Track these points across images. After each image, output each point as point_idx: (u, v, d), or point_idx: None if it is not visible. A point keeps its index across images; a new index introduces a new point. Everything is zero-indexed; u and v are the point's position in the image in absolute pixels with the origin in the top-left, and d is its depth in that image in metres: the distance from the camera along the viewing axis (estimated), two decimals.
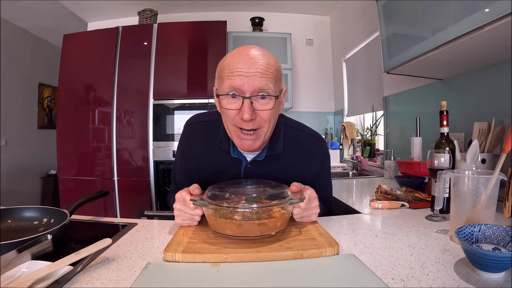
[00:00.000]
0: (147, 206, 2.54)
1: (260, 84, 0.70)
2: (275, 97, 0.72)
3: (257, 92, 0.71)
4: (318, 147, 0.90)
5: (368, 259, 0.62)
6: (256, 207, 0.66)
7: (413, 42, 1.29)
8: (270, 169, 0.85)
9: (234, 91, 0.71)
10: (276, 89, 0.74)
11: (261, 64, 0.71)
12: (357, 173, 2.35)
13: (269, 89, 0.71)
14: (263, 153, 0.84)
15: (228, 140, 0.84)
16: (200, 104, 2.50)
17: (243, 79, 0.70)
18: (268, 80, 0.71)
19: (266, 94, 0.71)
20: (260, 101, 0.72)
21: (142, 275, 0.55)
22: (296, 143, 0.87)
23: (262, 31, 3.05)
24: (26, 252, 0.56)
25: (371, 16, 2.27)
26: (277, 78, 0.74)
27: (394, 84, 2.11)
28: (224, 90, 0.73)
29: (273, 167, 0.85)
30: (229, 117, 0.75)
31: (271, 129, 0.78)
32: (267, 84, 0.71)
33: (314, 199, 0.77)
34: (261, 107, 0.72)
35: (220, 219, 0.67)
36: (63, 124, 2.63)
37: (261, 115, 0.73)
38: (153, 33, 2.59)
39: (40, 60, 3.88)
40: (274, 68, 0.73)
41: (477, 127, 1.18)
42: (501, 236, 0.60)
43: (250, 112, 0.70)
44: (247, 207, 0.66)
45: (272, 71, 0.72)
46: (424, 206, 1.04)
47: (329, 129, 3.20)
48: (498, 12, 0.85)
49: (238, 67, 0.70)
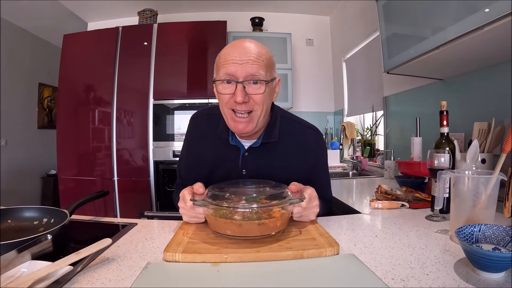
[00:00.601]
0: (147, 206, 2.54)
1: (252, 70, 0.76)
2: (265, 82, 0.78)
3: (249, 77, 0.77)
4: (314, 139, 0.93)
5: (368, 259, 0.62)
6: (256, 207, 0.66)
7: (413, 42, 1.29)
8: (266, 157, 0.89)
9: (229, 77, 0.78)
10: (268, 75, 0.79)
11: (253, 53, 0.77)
12: (357, 173, 2.35)
13: (260, 75, 0.77)
14: (259, 140, 0.88)
15: (227, 129, 0.88)
16: (200, 104, 2.50)
17: (237, 66, 0.76)
18: (259, 67, 0.77)
19: (258, 79, 0.77)
20: (252, 86, 0.78)
21: (142, 275, 0.55)
22: (293, 133, 0.91)
23: (262, 31, 3.05)
24: (26, 252, 0.56)
25: (371, 16, 2.27)
26: (268, 66, 0.80)
27: (394, 84, 2.11)
28: (221, 77, 0.79)
29: (269, 155, 0.89)
30: (224, 101, 0.81)
31: (264, 114, 0.82)
32: (258, 71, 0.77)
33: (315, 198, 0.78)
34: (253, 91, 0.78)
35: (220, 219, 0.67)
36: (63, 124, 2.63)
37: (254, 98, 0.78)
38: (153, 33, 2.59)
39: (40, 60, 3.88)
40: (265, 57, 0.79)
41: (477, 127, 1.18)
42: (501, 236, 0.60)
43: (242, 95, 0.76)
44: (247, 207, 0.66)
45: (263, 59, 0.78)
46: (424, 206, 1.04)
47: (329, 129, 3.20)
48: (498, 12, 0.85)
49: (233, 56, 0.77)
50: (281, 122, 0.91)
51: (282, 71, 2.85)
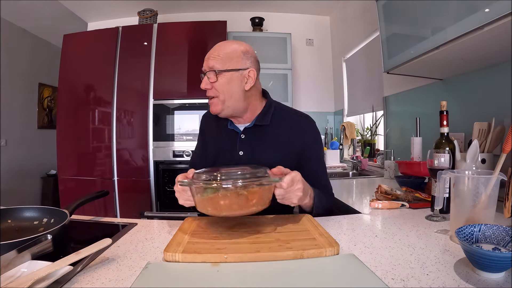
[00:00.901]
0: (147, 206, 2.54)
1: (209, 64, 0.95)
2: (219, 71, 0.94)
3: (208, 69, 0.95)
4: (304, 125, 1.03)
5: (368, 259, 0.62)
6: (232, 184, 0.68)
7: (413, 42, 1.29)
8: (259, 139, 1.00)
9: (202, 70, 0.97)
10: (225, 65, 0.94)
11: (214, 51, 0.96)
12: (357, 173, 2.35)
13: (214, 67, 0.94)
14: (252, 123, 1.01)
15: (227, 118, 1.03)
16: (200, 104, 2.50)
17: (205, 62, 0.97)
18: (215, 61, 0.94)
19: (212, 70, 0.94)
20: (211, 77, 0.95)
21: (142, 275, 0.55)
22: (285, 120, 1.02)
23: (262, 31, 3.05)
24: (26, 252, 0.56)
25: (371, 16, 2.27)
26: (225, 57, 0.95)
27: (394, 84, 2.11)
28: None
29: (262, 137, 1.00)
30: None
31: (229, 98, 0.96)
32: (214, 65, 0.94)
33: (298, 182, 0.79)
34: (212, 79, 0.95)
35: (202, 197, 0.69)
36: (63, 124, 2.63)
37: (215, 85, 0.95)
38: (153, 33, 2.59)
39: (40, 60, 3.88)
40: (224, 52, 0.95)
41: (477, 127, 1.18)
42: (501, 236, 0.60)
43: (204, 84, 0.95)
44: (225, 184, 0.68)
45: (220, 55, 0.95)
46: (424, 206, 1.04)
47: (329, 129, 3.20)
48: (498, 12, 0.85)
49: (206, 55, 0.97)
50: (275, 109, 1.03)
51: (282, 71, 2.85)
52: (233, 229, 0.75)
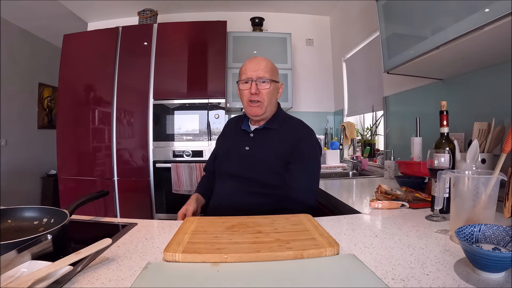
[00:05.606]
0: (147, 206, 2.55)
1: (260, 74, 1.14)
2: (269, 80, 1.14)
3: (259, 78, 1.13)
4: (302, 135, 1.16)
5: (368, 259, 0.62)
6: None
7: (413, 42, 1.29)
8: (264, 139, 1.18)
9: (247, 79, 1.15)
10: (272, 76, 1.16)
11: (261, 64, 1.16)
12: (357, 173, 2.35)
13: (265, 77, 1.14)
14: (262, 126, 1.20)
15: (243, 120, 1.26)
16: (200, 104, 2.50)
17: (251, 72, 1.14)
18: (264, 72, 1.14)
19: (264, 79, 1.14)
20: (261, 84, 1.14)
21: (142, 275, 0.55)
22: (289, 128, 1.19)
23: (262, 31, 3.05)
24: (26, 252, 0.56)
25: (371, 16, 2.27)
26: (272, 71, 1.17)
27: (394, 84, 2.11)
28: (242, 79, 1.16)
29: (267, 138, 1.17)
30: (243, 95, 1.16)
31: (269, 104, 1.16)
32: (264, 75, 1.14)
33: None
34: (261, 87, 1.14)
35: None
36: (63, 124, 2.63)
37: (262, 92, 1.14)
38: (153, 33, 2.59)
39: (40, 60, 3.87)
40: (269, 66, 1.17)
41: (477, 127, 1.18)
42: (501, 236, 0.60)
43: (255, 88, 1.13)
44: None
45: (268, 67, 1.16)
46: (424, 206, 1.04)
47: (329, 129, 3.20)
48: (498, 12, 0.84)
49: (249, 67, 1.16)
50: (284, 118, 1.23)
51: (282, 71, 2.84)
52: (233, 229, 0.75)
